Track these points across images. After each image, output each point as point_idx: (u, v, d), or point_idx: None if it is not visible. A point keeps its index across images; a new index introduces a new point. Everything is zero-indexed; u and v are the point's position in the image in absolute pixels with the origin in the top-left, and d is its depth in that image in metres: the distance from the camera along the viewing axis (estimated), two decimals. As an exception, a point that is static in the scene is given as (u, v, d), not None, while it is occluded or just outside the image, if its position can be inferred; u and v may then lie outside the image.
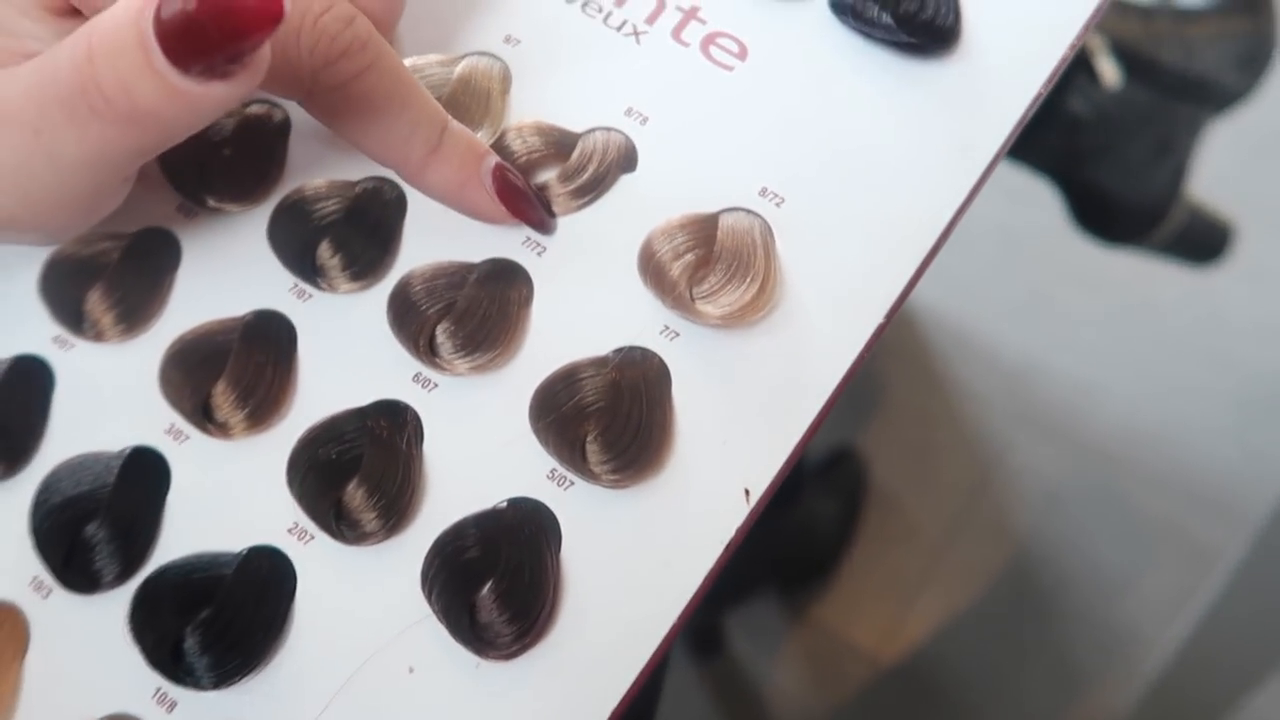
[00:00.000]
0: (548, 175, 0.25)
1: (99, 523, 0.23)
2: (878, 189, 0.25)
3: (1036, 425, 0.97)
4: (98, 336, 0.25)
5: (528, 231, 0.25)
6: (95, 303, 0.25)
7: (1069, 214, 0.74)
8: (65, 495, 0.23)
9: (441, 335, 0.24)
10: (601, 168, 0.25)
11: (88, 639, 0.23)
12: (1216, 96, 0.68)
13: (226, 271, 0.25)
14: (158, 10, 0.18)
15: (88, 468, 0.24)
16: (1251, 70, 0.68)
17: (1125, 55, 0.65)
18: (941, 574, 0.91)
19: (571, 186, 0.25)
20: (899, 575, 0.91)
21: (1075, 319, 1.01)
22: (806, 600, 0.89)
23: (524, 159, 0.25)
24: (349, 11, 0.22)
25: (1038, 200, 0.86)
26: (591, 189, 0.25)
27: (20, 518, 0.23)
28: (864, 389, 0.99)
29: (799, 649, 0.88)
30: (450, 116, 0.24)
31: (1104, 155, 0.67)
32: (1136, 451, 0.96)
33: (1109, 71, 0.64)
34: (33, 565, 0.23)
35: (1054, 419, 0.97)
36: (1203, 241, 0.76)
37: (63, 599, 0.23)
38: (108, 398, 0.25)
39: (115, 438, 0.24)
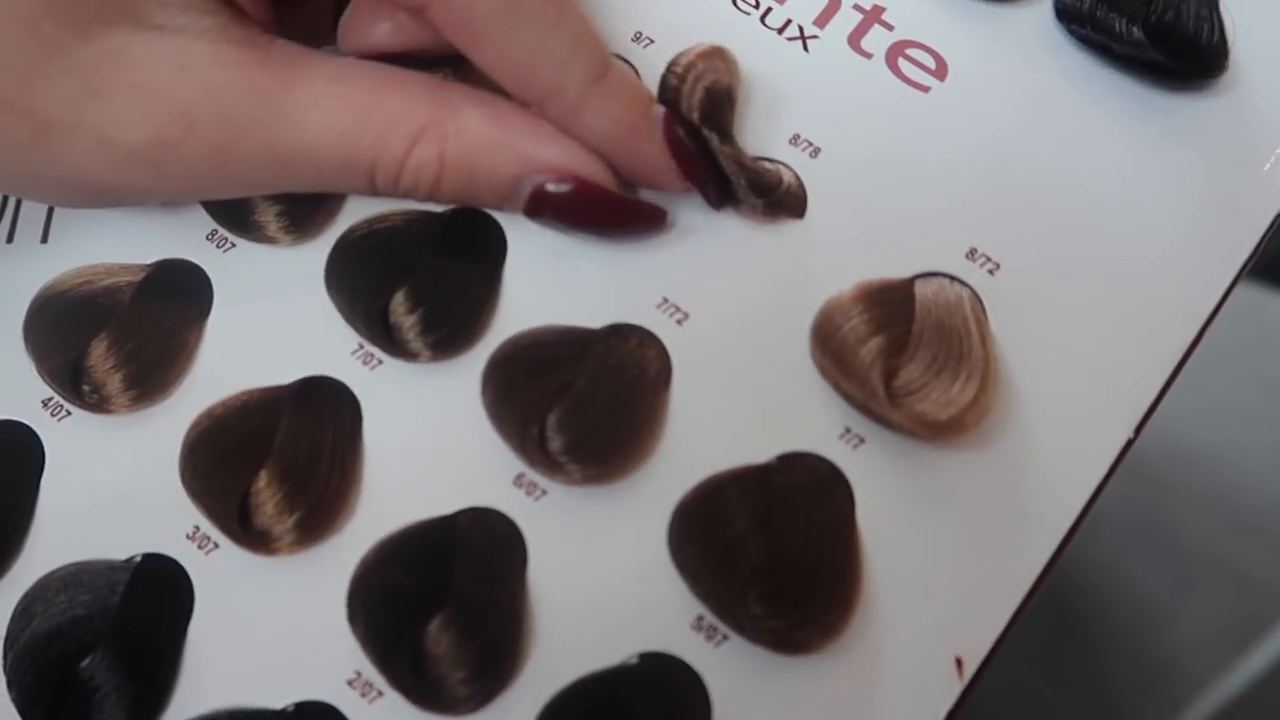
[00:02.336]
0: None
1: (97, 657, 0.18)
2: (1120, 255, 0.19)
3: (1079, 442, 0.92)
4: (101, 404, 0.19)
5: (664, 292, 0.19)
6: (99, 357, 0.20)
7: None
8: (53, 623, 0.18)
9: (551, 427, 0.18)
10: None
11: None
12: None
13: (270, 323, 0.20)
14: None
15: (84, 582, 0.18)
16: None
17: None
18: (978, 598, 0.86)
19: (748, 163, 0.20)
20: (933, 598, 0.86)
21: (1120, 329, 0.96)
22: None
23: None
24: None
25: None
26: (767, 193, 0.20)
27: (-5, 643, 0.18)
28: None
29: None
30: None
31: None
32: (1182, 474, 0.91)
33: None
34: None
35: (1098, 436, 0.92)
36: None
37: (49, 760, 0.17)
38: (113, 486, 0.19)
39: (122, 541, 0.19)
